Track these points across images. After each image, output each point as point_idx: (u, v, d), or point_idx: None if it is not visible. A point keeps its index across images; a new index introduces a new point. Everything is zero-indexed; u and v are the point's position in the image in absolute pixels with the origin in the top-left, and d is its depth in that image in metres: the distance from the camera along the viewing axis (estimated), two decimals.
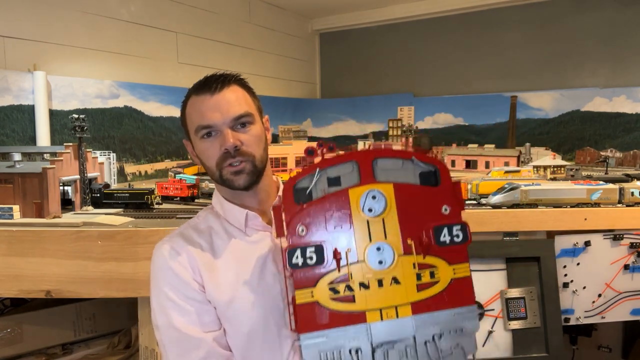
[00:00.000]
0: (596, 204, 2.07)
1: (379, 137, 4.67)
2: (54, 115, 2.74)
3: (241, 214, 1.19)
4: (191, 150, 1.24)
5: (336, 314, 0.91)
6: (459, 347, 0.93)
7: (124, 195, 2.19)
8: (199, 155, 1.20)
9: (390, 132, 4.67)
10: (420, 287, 0.93)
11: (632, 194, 2.07)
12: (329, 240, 0.92)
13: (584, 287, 2.05)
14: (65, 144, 2.11)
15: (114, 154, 2.88)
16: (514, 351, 1.97)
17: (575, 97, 3.91)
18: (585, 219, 2.03)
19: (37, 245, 1.73)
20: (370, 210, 0.93)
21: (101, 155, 2.69)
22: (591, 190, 2.07)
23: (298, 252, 0.91)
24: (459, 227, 0.95)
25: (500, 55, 4.26)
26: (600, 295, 2.05)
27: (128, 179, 3.13)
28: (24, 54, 2.63)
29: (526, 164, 3.38)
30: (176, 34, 3.53)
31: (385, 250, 0.92)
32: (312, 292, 0.91)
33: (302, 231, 0.92)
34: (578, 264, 2.04)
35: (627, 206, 2.07)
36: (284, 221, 0.93)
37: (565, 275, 2.04)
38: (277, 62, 4.60)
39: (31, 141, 2.64)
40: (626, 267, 2.05)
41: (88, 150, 2.21)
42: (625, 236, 2.04)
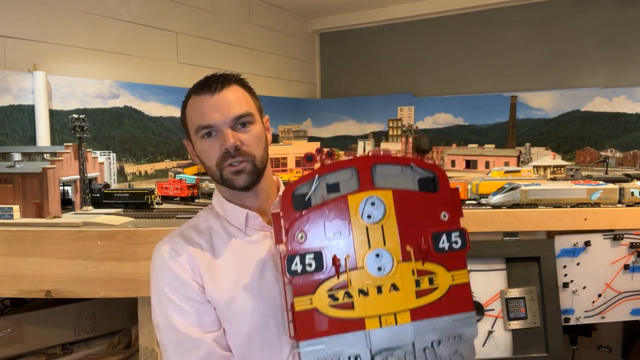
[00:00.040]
0: (596, 204, 2.07)
1: (379, 137, 4.67)
2: (54, 115, 2.74)
3: (241, 214, 1.19)
4: (191, 150, 1.24)
5: (335, 321, 0.90)
6: (457, 354, 0.93)
7: (124, 195, 2.19)
8: (199, 155, 1.20)
9: (390, 132, 4.66)
10: (419, 294, 0.92)
11: (632, 194, 2.07)
12: (328, 246, 0.92)
13: (584, 287, 2.05)
14: (65, 144, 2.11)
15: (114, 154, 2.88)
16: (514, 351, 1.97)
17: (575, 97, 3.91)
18: (585, 219, 2.03)
19: (37, 245, 1.73)
20: (369, 217, 0.93)
21: (101, 155, 2.69)
22: (591, 190, 2.07)
23: (297, 259, 0.90)
24: (457, 234, 0.95)
25: (500, 55, 4.26)
26: (600, 295, 2.05)
27: (128, 179, 3.13)
28: (24, 54, 2.63)
29: (526, 164, 3.38)
30: (176, 34, 3.53)
31: (384, 257, 0.92)
32: (311, 299, 0.91)
33: (301, 238, 0.92)
34: (578, 264, 2.04)
35: (627, 206, 2.07)
36: (283, 228, 0.93)
37: (565, 275, 2.04)
38: (277, 62, 4.60)
39: (31, 141, 2.64)
40: (626, 267, 2.05)
41: (88, 150, 2.21)
42: (625, 236, 2.04)
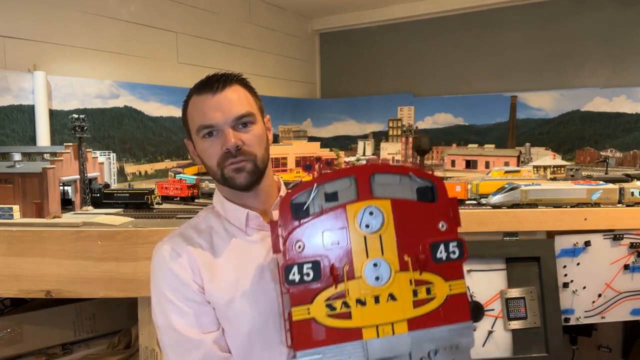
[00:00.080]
0: (596, 204, 2.07)
1: (379, 137, 4.67)
2: (54, 115, 2.74)
3: (242, 214, 1.19)
4: (192, 150, 1.24)
5: (332, 331, 0.90)
6: None
7: (124, 195, 2.19)
8: (200, 155, 1.20)
9: (390, 132, 4.66)
10: (417, 304, 0.92)
11: (632, 194, 2.07)
12: (326, 256, 0.92)
13: (584, 287, 2.05)
14: (65, 144, 2.11)
15: (114, 154, 2.88)
16: (514, 351, 1.97)
17: (575, 97, 3.91)
18: (585, 219, 2.03)
19: (37, 245, 1.73)
20: (368, 226, 0.93)
21: (101, 155, 2.69)
22: (591, 190, 2.07)
23: (295, 269, 0.90)
24: (455, 244, 0.95)
25: (500, 55, 4.26)
26: (600, 295, 2.05)
27: (128, 179, 3.13)
28: (24, 54, 2.63)
29: (526, 164, 3.38)
30: (176, 34, 3.53)
31: (382, 267, 0.92)
32: (308, 308, 0.90)
33: (299, 247, 0.92)
34: (578, 264, 2.04)
35: (627, 206, 2.07)
36: (281, 236, 0.93)
37: (565, 275, 2.04)
38: (277, 62, 4.60)
39: (31, 141, 2.64)
40: (626, 267, 2.05)
41: (88, 150, 2.21)
42: (625, 236, 2.04)
